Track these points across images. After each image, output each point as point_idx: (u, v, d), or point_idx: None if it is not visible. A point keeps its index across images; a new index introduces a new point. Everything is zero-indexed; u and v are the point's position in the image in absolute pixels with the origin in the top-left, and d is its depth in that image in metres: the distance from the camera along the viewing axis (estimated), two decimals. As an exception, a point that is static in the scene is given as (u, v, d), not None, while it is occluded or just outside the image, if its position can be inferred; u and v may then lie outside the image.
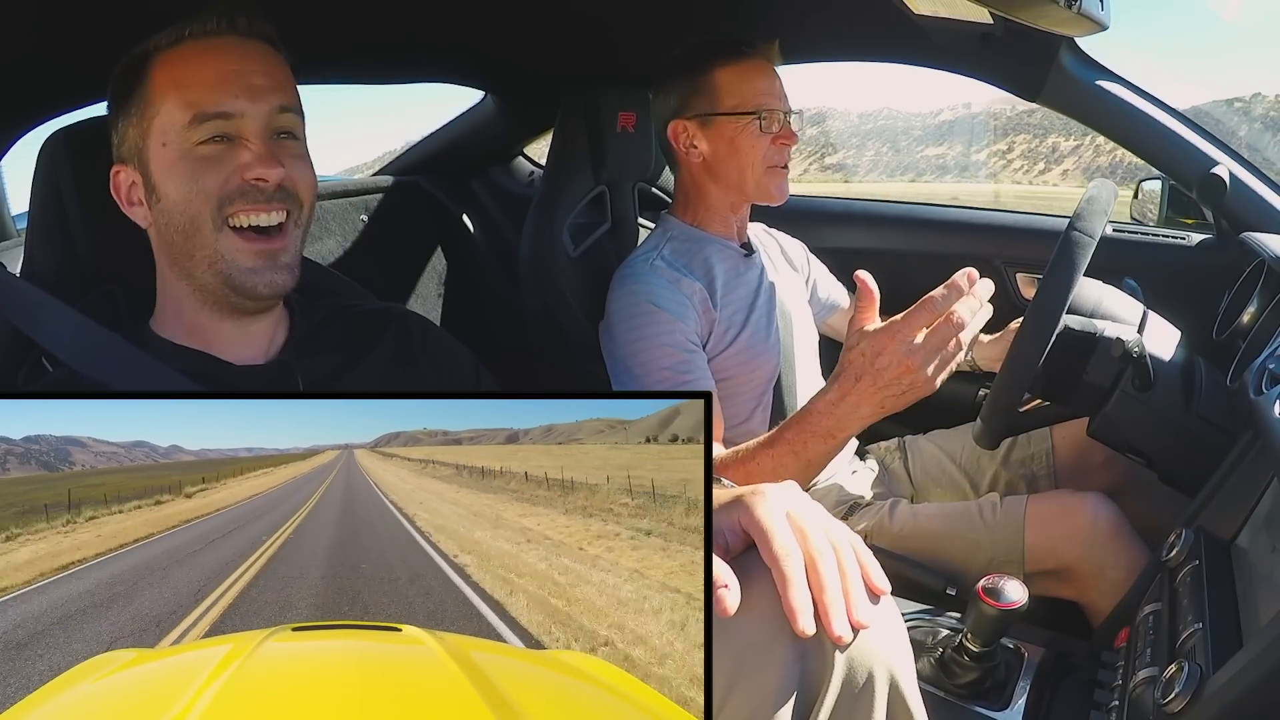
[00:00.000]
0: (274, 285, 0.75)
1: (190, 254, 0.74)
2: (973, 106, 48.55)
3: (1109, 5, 0.92)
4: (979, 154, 41.05)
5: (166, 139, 0.72)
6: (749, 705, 0.53)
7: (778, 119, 1.19)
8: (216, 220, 0.72)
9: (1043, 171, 36.87)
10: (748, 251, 1.28)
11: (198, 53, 0.73)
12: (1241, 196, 1.28)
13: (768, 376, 1.22)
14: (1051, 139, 38.21)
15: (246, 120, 0.72)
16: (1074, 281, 0.95)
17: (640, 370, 1.12)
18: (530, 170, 1.87)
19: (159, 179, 0.73)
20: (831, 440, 0.91)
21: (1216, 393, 1.00)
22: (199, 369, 0.76)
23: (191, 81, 0.72)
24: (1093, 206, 0.99)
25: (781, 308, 1.27)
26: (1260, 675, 0.59)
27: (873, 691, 0.54)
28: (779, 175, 1.22)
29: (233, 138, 0.73)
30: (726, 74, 1.19)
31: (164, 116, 0.72)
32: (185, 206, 0.72)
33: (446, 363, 0.93)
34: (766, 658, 0.53)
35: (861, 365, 0.87)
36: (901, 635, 0.57)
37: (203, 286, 0.76)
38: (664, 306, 1.13)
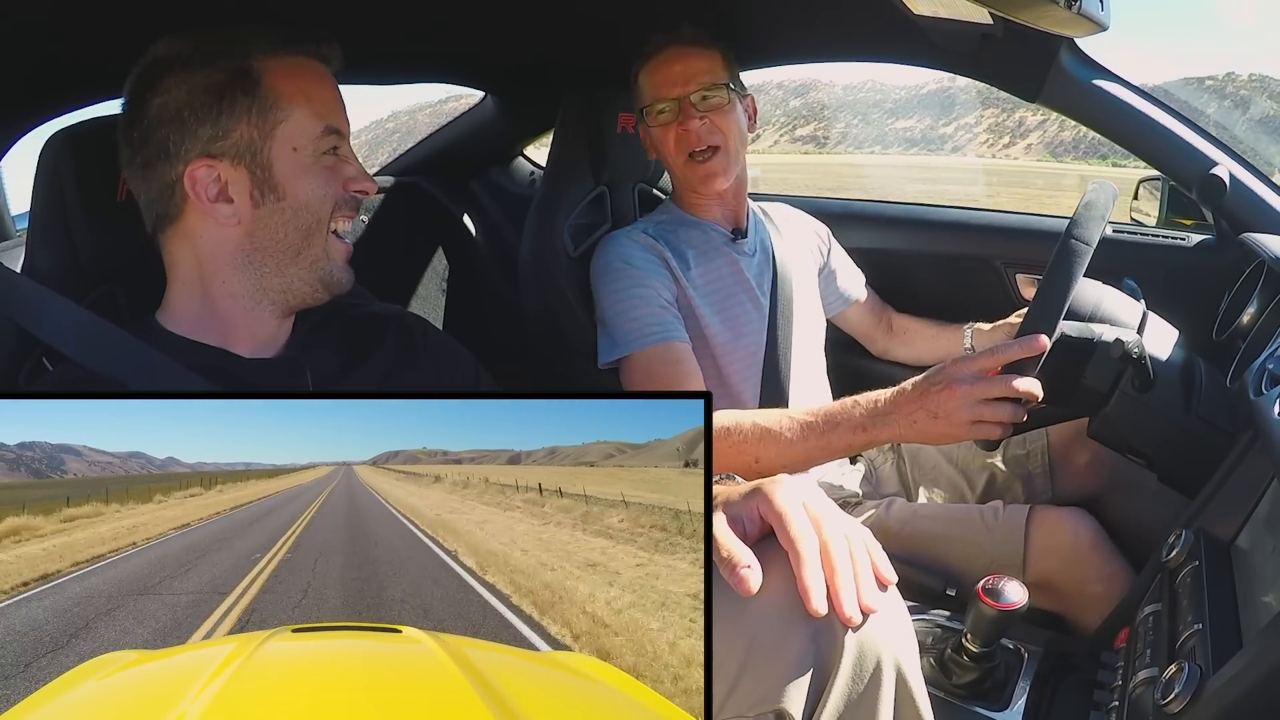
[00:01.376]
0: (347, 284, 0.84)
1: (299, 251, 0.79)
2: (957, 80, 48.48)
3: (1109, 5, 0.92)
4: (946, 127, 41.31)
5: (298, 144, 0.77)
6: (760, 689, 0.54)
7: (675, 107, 1.20)
8: (327, 224, 0.80)
9: (1007, 145, 37.06)
10: (735, 236, 1.29)
11: (312, 70, 0.80)
12: (1241, 197, 1.28)
13: (752, 353, 1.24)
14: (1019, 113, 38.23)
15: (346, 139, 0.81)
16: (1071, 288, 0.95)
17: (615, 323, 1.16)
18: (530, 171, 1.88)
19: (285, 179, 0.77)
20: (859, 434, 0.95)
21: (1216, 393, 1.00)
22: (209, 363, 0.77)
23: (318, 96, 0.79)
24: (1090, 212, 0.98)
25: (783, 288, 1.27)
26: (1260, 675, 0.59)
27: (880, 679, 0.55)
28: (697, 165, 1.22)
29: (338, 154, 0.80)
30: (643, 75, 1.24)
31: (295, 124, 0.77)
32: (315, 208, 0.78)
33: (447, 363, 0.94)
34: (779, 641, 0.55)
35: (919, 378, 0.94)
36: (908, 628, 0.59)
37: (287, 283, 0.80)
38: (634, 265, 1.19)
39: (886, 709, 0.56)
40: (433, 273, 1.54)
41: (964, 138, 37.71)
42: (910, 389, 0.93)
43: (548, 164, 1.38)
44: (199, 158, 0.75)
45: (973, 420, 0.89)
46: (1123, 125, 1.32)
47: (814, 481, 0.63)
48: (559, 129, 1.34)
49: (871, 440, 0.95)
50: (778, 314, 1.26)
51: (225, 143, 0.75)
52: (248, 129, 0.76)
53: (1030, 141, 36.78)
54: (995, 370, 0.90)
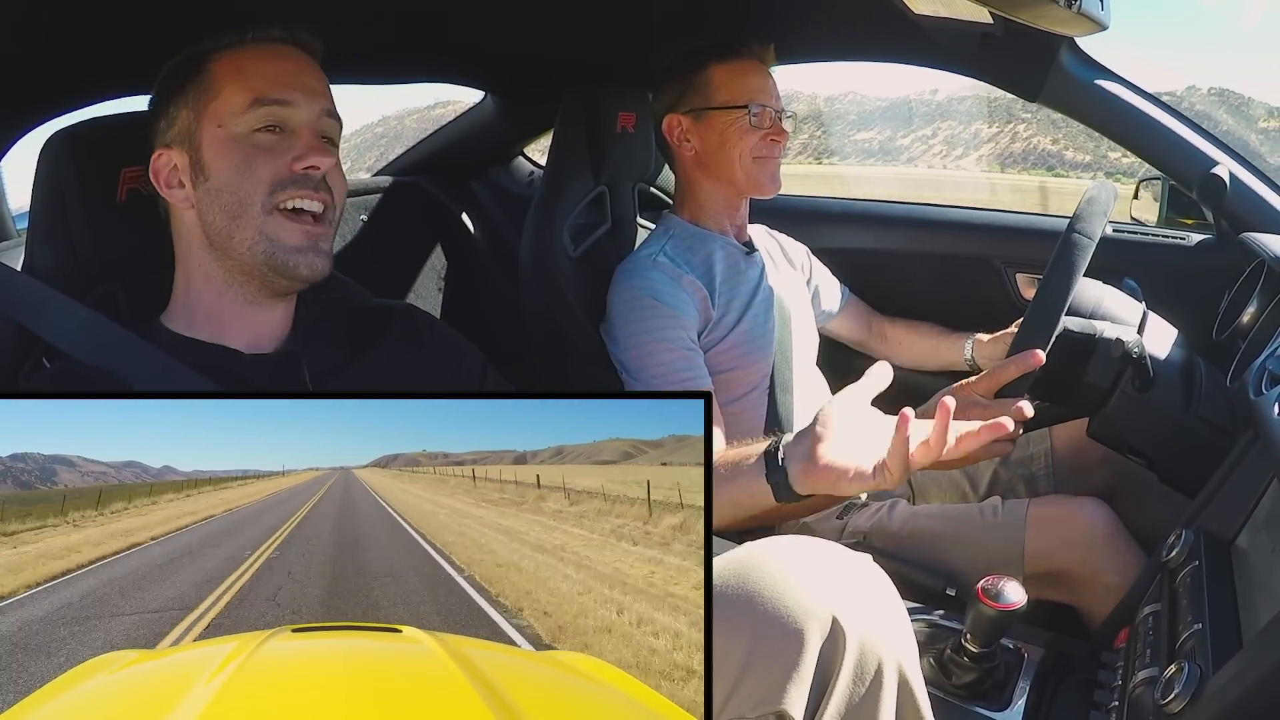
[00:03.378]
0: (314, 268, 0.78)
1: (231, 235, 0.77)
2: (939, 93, 48.30)
3: (1109, 5, 0.92)
4: (904, 139, 41.24)
5: (222, 120, 0.76)
6: (761, 690, 0.54)
7: (769, 115, 1.21)
8: (266, 204, 0.76)
9: (960, 156, 37.14)
10: (748, 250, 1.28)
11: (260, 53, 0.78)
12: (1241, 197, 1.28)
13: (762, 373, 1.23)
14: (975, 126, 38.17)
15: (299, 110, 0.77)
16: (1073, 283, 0.95)
17: (637, 365, 1.13)
18: (530, 170, 1.87)
19: (209, 158, 0.76)
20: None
21: (1216, 393, 1.00)
22: (208, 361, 0.77)
23: (253, 72, 0.76)
24: (1092, 208, 0.99)
25: (780, 306, 1.27)
26: (1260, 675, 0.59)
27: (881, 681, 0.55)
28: (768, 164, 1.23)
29: (285, 130, 0.77)
30: (720, 71, 1.21)
31: (222, 100, 0.76)
32: (235, 188, 0.75)
33: (454, 355, 0.94)
34: (781, 642, 0.55)
35: (928, 407, 0.89)
36: (908, 629, 0.59)
37: (239, 266, 0.78)
38: (664, 301, 1.14)
39: (888, 711, 0.56)
40: (432, 273, 1.53)
41: (919, 149, 37.89)
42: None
43: (547, 164, 1.38)
44: (159, 148, 0.78)
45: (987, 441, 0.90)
46: (1123, 125, 1.32)
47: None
48: (559, 129, 1.34)
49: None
50: (784, 330, 1.26)
51: (171, 131, 0.77)
52: (187, 113, 0.77)
53: (982, 153, 37.09)
54: (999, 387, 0.92)
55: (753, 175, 1.23)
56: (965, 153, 35.47)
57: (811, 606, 0.55)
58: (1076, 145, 34.70)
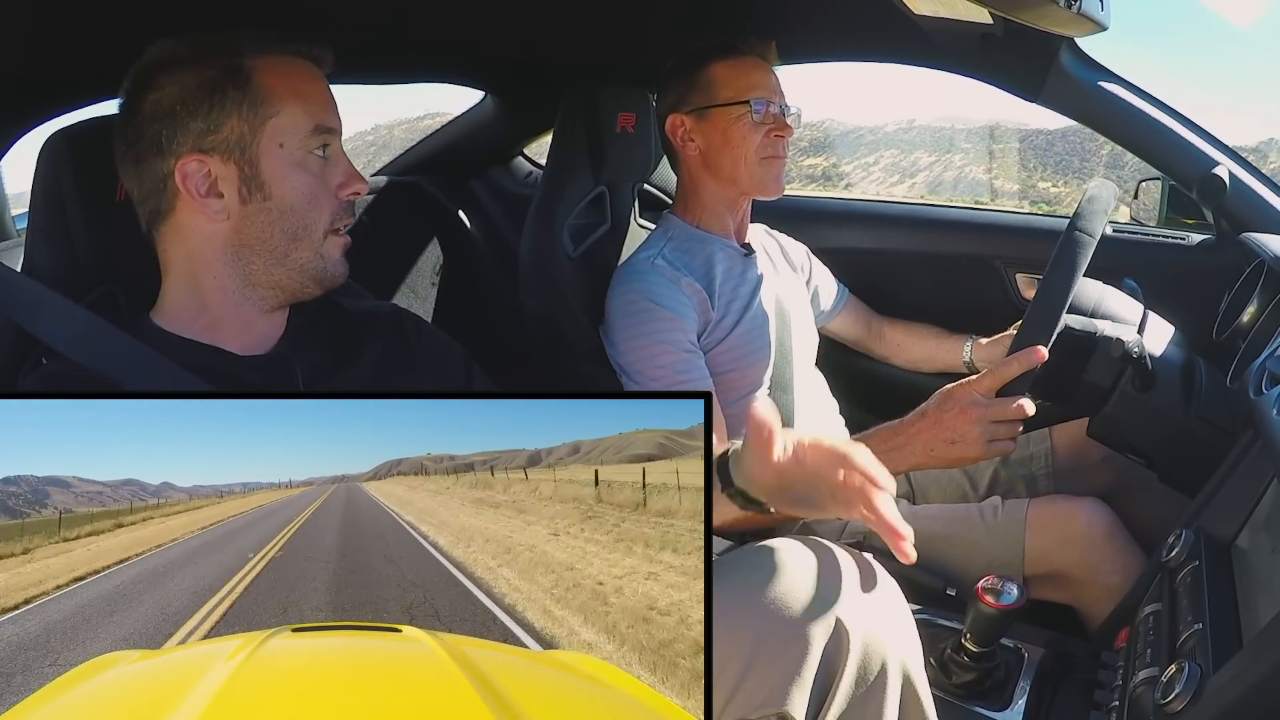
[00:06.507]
0: (343, 278, 0.83)
1: (287, 254, 0.78)
2: (917, 121, 48.39)
3: (1109, 5, 0.92)
4: (848, 166, 41.57)
5: (285, 141, 0.76)
6: (763, 691, 0.54)
7: (772, 110, 1.20)
8: (326, 230, 0.80)
9: (896, 183, 37.39)
10: (748, 251, 1.28)
11: (303, 69, 0.79)
12: (1241, 197, 1.28)
13: (762, 374, 1.23)
14: (916, 154, 38.33)
15: (337, 138, 0.80)
16: (1074, 281, 0.95)
17: (637, 367, 1.12)
18: (529, 170, 1.87)
19: (271, 178, 0.77)
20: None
21: (1216, 393, 1.00)
22: (202, 361, 0.77)
23: (310, 94, 0.78)
24: (1093, 206, 0.99)
25: (780, 307, 1.27)
26: (1260, 675, 0.59)
27: (885, 682, 0.55)
28: (774, 165, 1.22)
29: (327, 155, 0.79)
30: (722, 69, 1.21)
31: (284, 120, 0.76)
32: (303, 215, 0.78)
33: (440, 358, 0.94)
34: (784, 644, 0.54)
35: (929, 406, 0.95)
36: (912, 630, 0.60)
37: (272, 279, 0.79)
38: (663, 304, 1.13)
39: (892, 712, 0.56)
40: (429, 270, 1.54)
41: (858, 175, 38.15)
42: (922, 418, 0.95)
43: (547, 164, 1.37)
44: (190, 152, 0.75)
45: (989, 440, 0.92)
46: (1123, 125, 1.32)
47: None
48: (558, 129, 1.34)
49: (892, 471, 0.95)
50: (784, 330, 1.26)
51: (216, 137, 0.76)
52: (238, 123, 0.75)
53: (916, 181, 37.33)
54: (1001, 385, 0.93)
55: (757, 176, 1.22)
56: (902, 179, 35.85)
57: (815, 607, 0.55)
58: (1006, 175, 35.74)
